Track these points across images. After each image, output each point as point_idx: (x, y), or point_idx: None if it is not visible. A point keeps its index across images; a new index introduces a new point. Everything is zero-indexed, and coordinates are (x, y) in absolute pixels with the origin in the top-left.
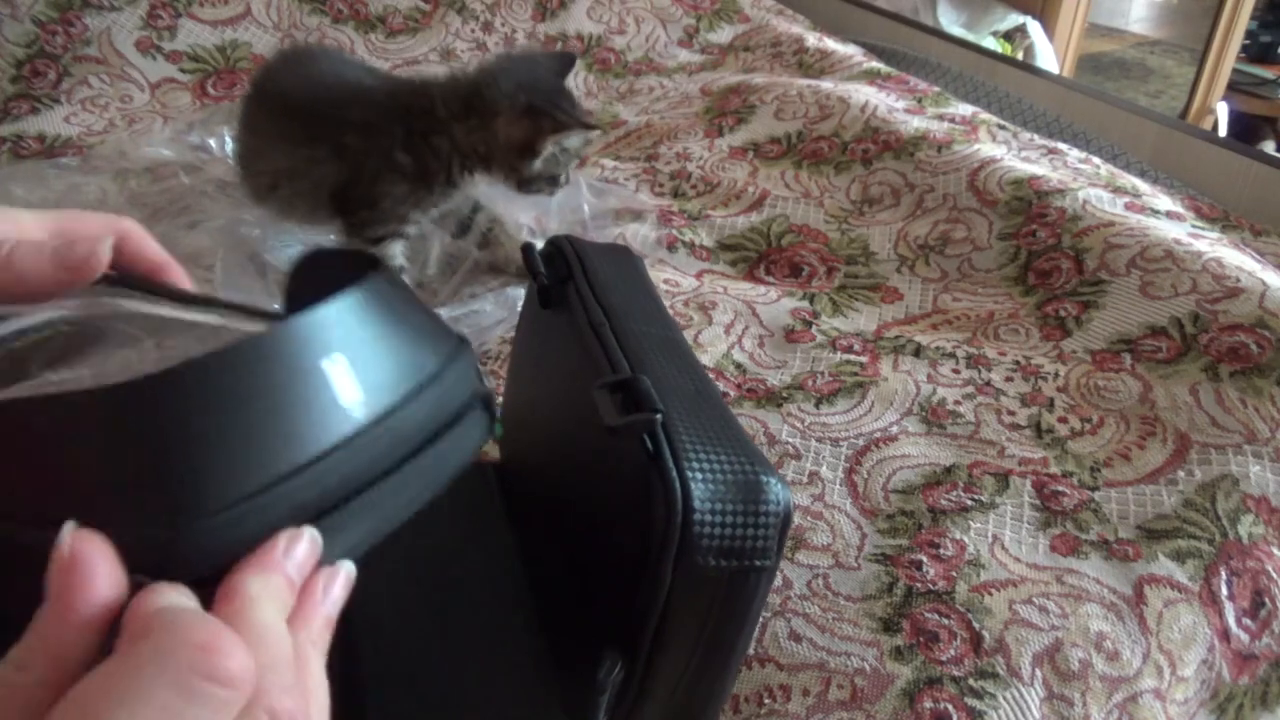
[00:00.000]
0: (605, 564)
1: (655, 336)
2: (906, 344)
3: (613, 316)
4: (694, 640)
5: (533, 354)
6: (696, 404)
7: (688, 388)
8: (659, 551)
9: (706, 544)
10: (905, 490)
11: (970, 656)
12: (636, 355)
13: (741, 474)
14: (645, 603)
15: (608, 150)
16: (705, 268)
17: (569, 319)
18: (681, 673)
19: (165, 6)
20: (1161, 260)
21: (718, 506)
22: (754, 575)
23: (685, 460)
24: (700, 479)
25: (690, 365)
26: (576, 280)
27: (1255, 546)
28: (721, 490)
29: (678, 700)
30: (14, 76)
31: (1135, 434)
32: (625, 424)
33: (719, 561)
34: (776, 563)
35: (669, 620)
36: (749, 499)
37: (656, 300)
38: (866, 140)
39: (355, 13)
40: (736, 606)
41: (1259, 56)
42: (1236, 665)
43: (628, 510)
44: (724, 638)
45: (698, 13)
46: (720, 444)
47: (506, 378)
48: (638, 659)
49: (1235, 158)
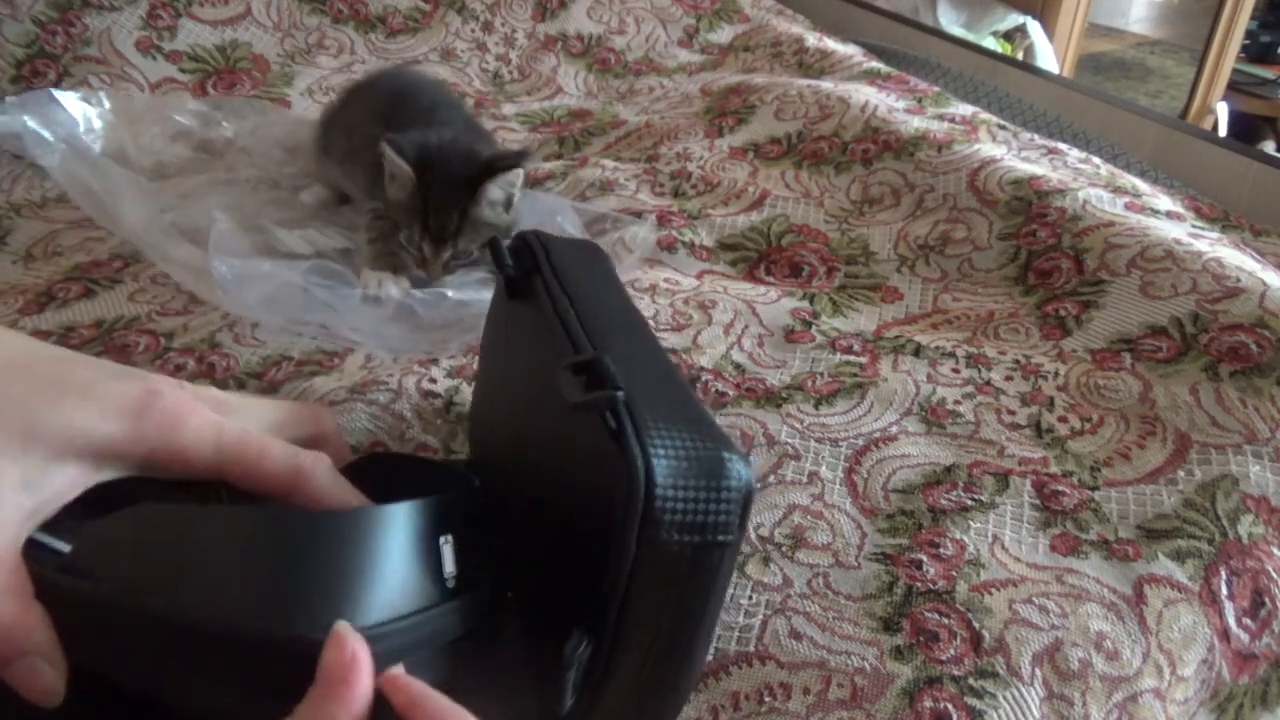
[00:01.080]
0: (571, 544)
1: (619, 323)
2: (906, 344)
3: (577, 304)
4: (659, 615)
5: (500, 346)
6: (660, 386)
7: (651, 371)
8: (622, 527)
9: (669, 519)
10: (905, 490)
11: (970, 656)
12: (601, 339)
13: (703, 451)
14: (610, 578)
15: (608, 150)
16: (705, 267)
17: (535, 308)
18: (648, 648)
19: (165, 6)
20: (1162, 260)
21: (680, 482)
22: (717, 550)
23: (647, 437)
24: (662, 455)
25: (654, 350)
26: (543, 271)
27: (1255, 546)
28: (683, 466)
29: (646, 676)
30: (14, 76)
31: (1135, 434)
32: (588, 401)
33: (682, 536)
34: (739, 539)
35: (633, 595)
36: (711, 475)
37: (621, 291)
38: (866, 140)
39: (355, 13)
40: (700, 581)
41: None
42: (1236, 665)
43: (592, 489)
44: (689, 613)
45: (698, 13)
46: (682, 423)
47: (476, 373)
48: (605, 635)
49: (1235, 158)
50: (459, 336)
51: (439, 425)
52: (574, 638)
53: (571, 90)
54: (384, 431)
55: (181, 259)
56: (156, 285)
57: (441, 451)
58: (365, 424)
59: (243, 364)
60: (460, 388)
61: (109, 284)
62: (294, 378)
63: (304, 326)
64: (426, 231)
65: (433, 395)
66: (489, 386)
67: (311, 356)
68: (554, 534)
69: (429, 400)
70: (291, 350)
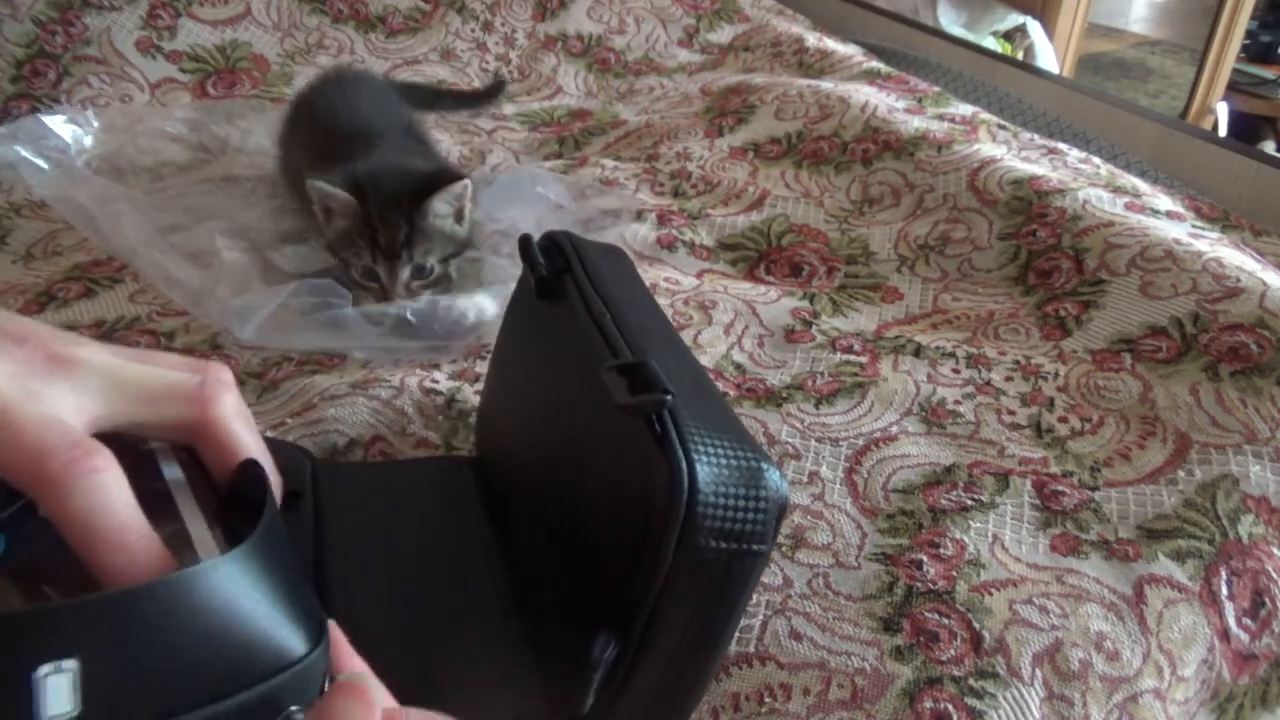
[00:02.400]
0: (598, 546)
1: (654, 330)
2: (906, 344)
3: (613, 308)
4: (688, 621)
5: (521, 346)
6: (697, 393)
7: (688, 378)
8: (661, 530)
9: (709, 525)
10: (905, 490)
11: (970, 656)
12: (637, 344)
13: (743, 460)
14: (644, 581)
15: (608, 150)
16: (705, 267)
17: (568, 310)
18: (671, 654)
19: (165, 6)
20: (1161, 260)
21: (720, 489)
22: (749, 559)
23: (691, 443)
24: (704, 462)
25: (688, 358)
26: (575, 273)
27: (1255, 546)
28: (724, 474)
29: (664, 683)
30: (14, 76)
31: (1135, 434)
32: (636, 404)
33: (719, 543)
34: (770, 548)
35: (665, 599)
36: (749, 484)
37: (651, 298)
38: (866, 140)
39: (355, 13)
40: (731, 589)
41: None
42: (1236, 665)
43: (628, 491)
44: (716, 620)
45: (698, 13)
46: (722, 431)
47: (488, 372)
48: (632, 637)
49: (1235, 158)
50: (459, 343)
51: (440, 422)
52: (601, 639)
53: (571, 90)
54: (385, 426)
55: (181, 280)
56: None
57: (443, 448)
58: (366, 418)
59: (243, 364)
60: (462, 388)
61: (109, 284)
62: (294, 376)
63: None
64: (378, 249)
65: (434, 392)
66: (505, 384)
67: (312, 356)
68: (574, 535)
69: (430, 397)
70: (292, 351)
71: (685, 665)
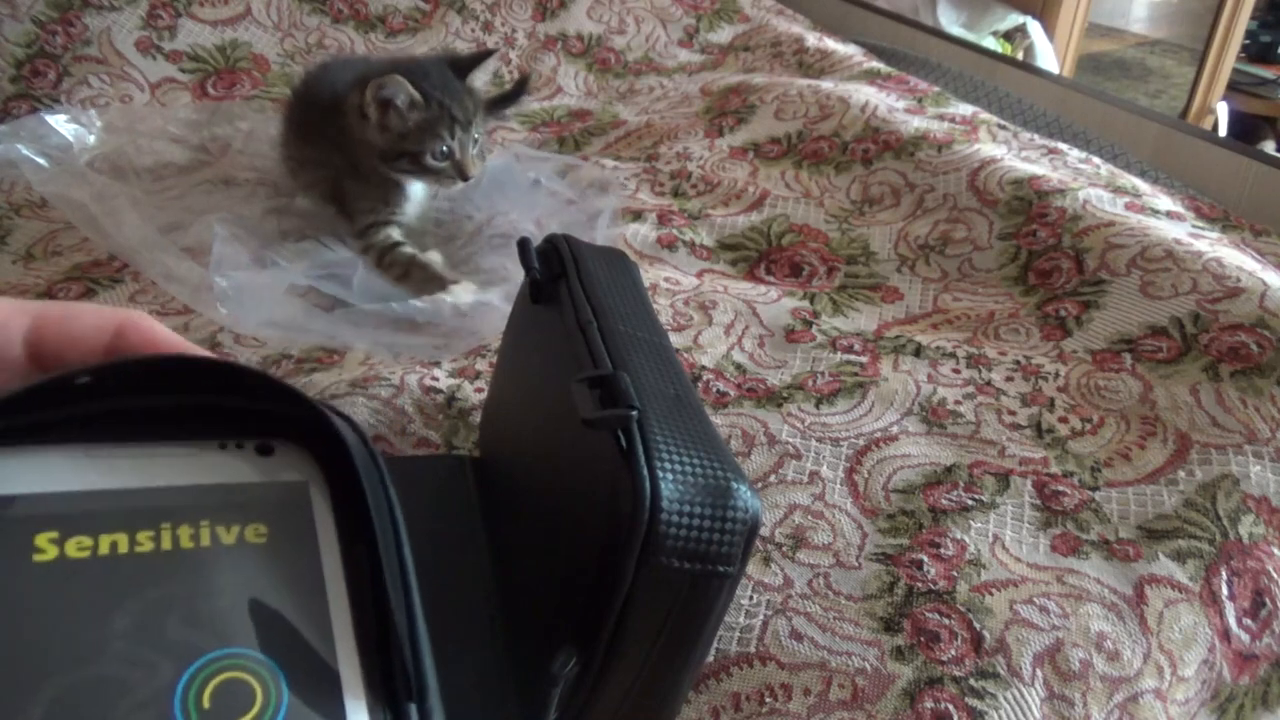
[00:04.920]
0: (569, 559)
1: (642, 340)
2: (907, 344)
3: (601, 316)
4: (652, 640)
5: (519, 348)
6: (675, 407)
7: (668, 391)
8: (623, 548)
9: (671, 544)
10: (906, 490)
11: (971, 656)
12: (620, 355)
13: (712, 477)
14: (605, 598)
15: (608, 150)
16: (706, 267)
17: (558, 315)
18: (637, 672)
19: (165, 6)
20: (1162, 260)
21: (685, 508)
22: (716, 580)
23: (657, 459)
24: (670, 479)
25: (674, 371)
26: (569, 278)
27: (1256, 546)
28: (690, 492)
29: (631, 701)
30: (14, 76)
31: (1135, 434)
32: (600, 418)
33: (682, 563)
34: (740, 571)
35: (628, 618)
36: (717, 503)
37: (647, 306)
38: (867, 140)
39: (355, 13)
40: (696, 610)
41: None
42: (1237, 665)
43: (595, 506)
44: (682, 641)
45: (698, 13)
46: (693, 447)
47: (493, 372)
48: (594, 654)
49: (1235, 158)
50: (461, 341)
51: (440, 421)
52: (563, 654)
53: (571, 90)
54: (385, 425)
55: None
56: (157, 285)
57: (443, 447)
58: (366, 417)
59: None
60: (462, 386)
61: (110, 283)
62: (294, 374)
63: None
64: (455, 122)
65: (434, 391)
66: (505, 386)
67: (311, 354)
68: (552, 544)
69: (431, 396)
70: (292, 349)
71: (653, 685)
